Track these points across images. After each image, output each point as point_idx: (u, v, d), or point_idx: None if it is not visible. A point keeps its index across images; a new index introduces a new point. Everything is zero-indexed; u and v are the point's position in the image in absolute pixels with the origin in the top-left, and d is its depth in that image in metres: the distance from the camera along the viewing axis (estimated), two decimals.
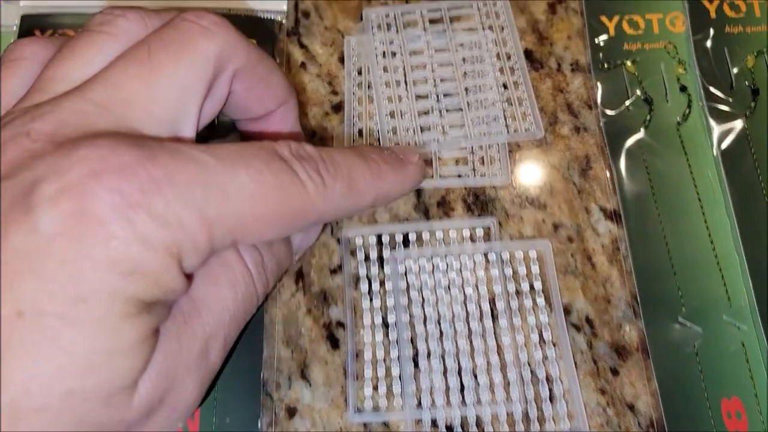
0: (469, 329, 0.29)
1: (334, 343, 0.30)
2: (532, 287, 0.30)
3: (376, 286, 0.30)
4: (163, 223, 0.17)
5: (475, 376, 0.28)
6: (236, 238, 0.19)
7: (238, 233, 0.19)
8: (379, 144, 0.33)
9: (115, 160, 0.17)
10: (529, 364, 0.29)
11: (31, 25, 0.35)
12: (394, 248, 0.31)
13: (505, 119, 0.34)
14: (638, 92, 0.34)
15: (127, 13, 0.21)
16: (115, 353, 0.17)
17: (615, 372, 0.29)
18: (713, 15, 0.35)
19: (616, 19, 0.36)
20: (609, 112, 0.34)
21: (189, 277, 0.19)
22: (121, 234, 0.16)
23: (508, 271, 0.30)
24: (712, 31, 0.35)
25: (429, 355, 0.29)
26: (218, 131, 0.30)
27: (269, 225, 0.19)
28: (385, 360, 0.29)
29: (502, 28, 0.36)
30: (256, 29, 0.36)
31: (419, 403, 0.28)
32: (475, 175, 0.33)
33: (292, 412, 0.29)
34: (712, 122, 0.33)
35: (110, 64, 0.20)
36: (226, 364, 0.22)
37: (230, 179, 0.18)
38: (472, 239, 0.31)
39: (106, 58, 0.20)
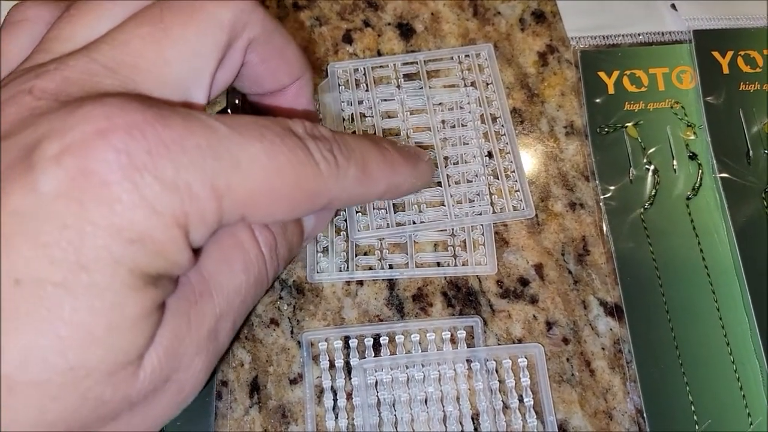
0: None
1: None
2: (521, 401, 0.26)
3: (342, 400, 0.26)
4: (172, 189, 0.16)
5: None
6: (245, 213, 0.18)
7: (247, 208, 0.18)
8: (347, 232, 0.29)
9: (122, 119, 0.16)
10: None
11: None
12: (363, 353, 0.27)
13: (491, 195, 0.29)
14: (642, 161, 0.30)
15: None
16: (118, 327, 0.16)
17: None
18: (726, 70, 0.31)
19: (615, 74, 0.31)
20: (608, 184, 0.29)
21: (195, 252, 0.18)
22: (126, 198, 0.15)
23: (494, 384, 0.26)
24: (724, 89, 0.30)
25: None
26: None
27: (279, 203, 0.18)
28: None
29: (487, 85, 0.32)
30: None
31: None
32: (456, 263, 0.28)
33: None
34: (726, 198, 0.29)
35: (120, 24, 0.19)
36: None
37: (243, 149, 0.17)
38: (453, 341, 0.27)
39: (115, 19, 0.19)
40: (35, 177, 0.15)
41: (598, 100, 0.31)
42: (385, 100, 0.32)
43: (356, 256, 0.29)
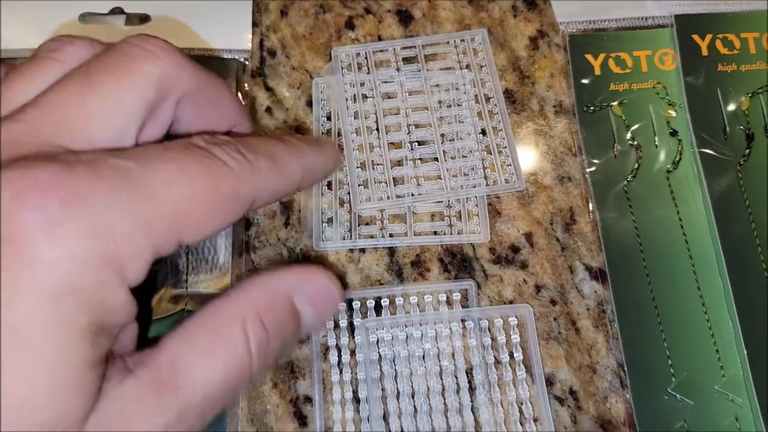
0: (445, 405, 0.27)
1: (302, 420, 0.28)
2: (512, 356, 0.28)
3: (346, 356, 0.28)
4: (93, 234, 0.16)
5: None
6: (180, 235, 0.18)
7: (179, 229, 0.18)
8: (350, 204, 0.31)
9: (32, 179, 0.16)
10: None
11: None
12: (366, 314, 0.29)
13: (484, 169, 0.31)
14: (626, 137, 0.32)
15: (76, 40, 0.21)
16: (58, 390, 0.15)
17: None
18: (705, 52, 0.33)
19: (601, 57, 0.33)
20: (594, 159, 0.31)
21: (134, 292, 0.18)
22: (48, 254, 0.15)
23: (487, 340, 0.28)
24: (704, 70, 0.32)
25: None
26: None
27: (207, 212, 0.19)
28: None
29: (481, 67, 0.34)
30: (217, 71, 0.33)
31: None
32: (452, 232, 0.31)
33: None
34: (703, 170, 0.31)
35: (49, 86, 0.19)
36: None
37: (155, 175, 0.18)
38: (449, 303, 0.29)
39: (52, 80, 0.20)
40: None
41: (585, 81, 0.33)
42: (386, 82, 0.34)
43: (359, 226, 0.31)
